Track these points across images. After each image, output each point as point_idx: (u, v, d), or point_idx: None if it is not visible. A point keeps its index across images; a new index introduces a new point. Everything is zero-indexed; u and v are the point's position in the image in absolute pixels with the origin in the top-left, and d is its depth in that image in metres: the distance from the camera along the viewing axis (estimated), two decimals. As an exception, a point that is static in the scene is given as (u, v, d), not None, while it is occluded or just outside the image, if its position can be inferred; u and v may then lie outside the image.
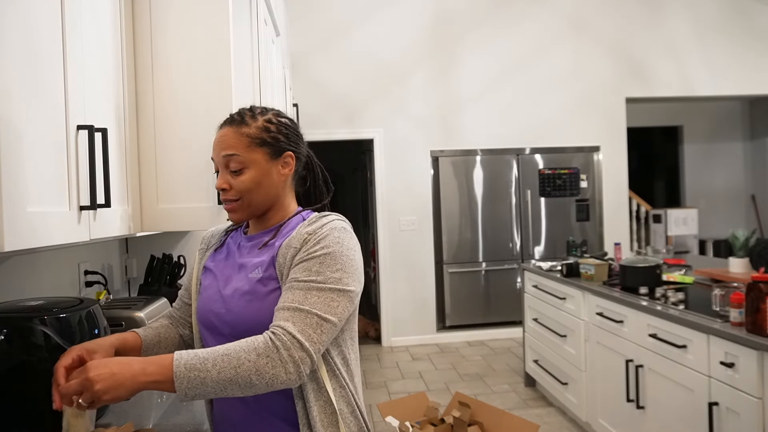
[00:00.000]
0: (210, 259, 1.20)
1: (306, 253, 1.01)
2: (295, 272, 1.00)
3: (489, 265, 5.28)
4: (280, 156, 1.10)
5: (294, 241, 1.05)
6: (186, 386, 0.87)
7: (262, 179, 1.08)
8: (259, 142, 1.08)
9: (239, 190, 1.07)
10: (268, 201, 1.11)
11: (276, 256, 1.06)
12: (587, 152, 5.45)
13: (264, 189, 1.09)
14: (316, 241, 1.02)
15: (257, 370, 0.90)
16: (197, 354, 0.90)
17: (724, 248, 6.69)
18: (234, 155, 1.06)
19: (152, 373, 0.86)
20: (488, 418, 1.47)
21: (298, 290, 0.98)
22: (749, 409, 1.79)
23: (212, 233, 1.27)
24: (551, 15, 5.45)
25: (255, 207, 1.10)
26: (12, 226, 0.82)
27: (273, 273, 1.05)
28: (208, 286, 1.14)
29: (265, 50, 2.41)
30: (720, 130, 7.40)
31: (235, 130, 1.07)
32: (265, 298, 1.04)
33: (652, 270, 2.64)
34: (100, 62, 1.25)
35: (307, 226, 1.07)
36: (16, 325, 1.03)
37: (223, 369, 0.89)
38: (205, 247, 1.24)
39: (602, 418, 2.80)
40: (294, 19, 5.09)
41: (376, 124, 5.24)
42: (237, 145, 1.06)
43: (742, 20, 5.74)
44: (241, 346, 0.92)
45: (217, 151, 1.08)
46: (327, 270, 0.99)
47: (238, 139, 1.06)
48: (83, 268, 1.82)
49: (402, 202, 5.26)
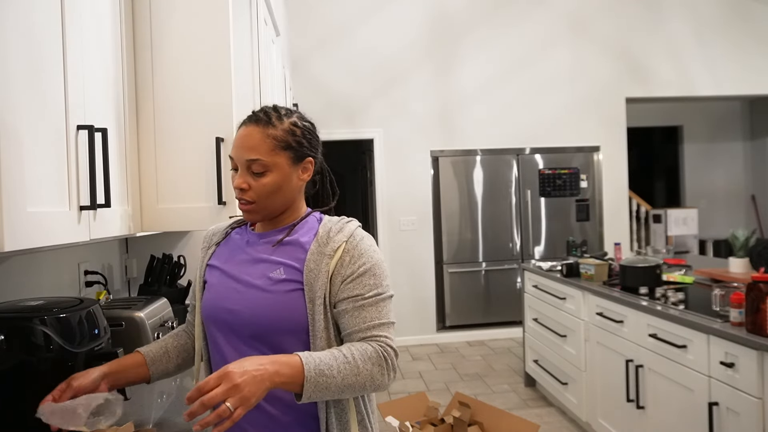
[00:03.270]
0: (214, 256, 1.17)
1: (357, 267, 1.04)
2: (355, 288, 1.03)
3: (489, 265, 5.28)
4: (301, 161, 1.10)
5: (327, 249, 1.05)
6: (312, 390, 0.91)
7: (283, 184, 1.07)
8: (283, 146, 1.06)
9: (258, 193, 1.05)
10: (284, 205, 1.10)
11: (305, 261, 1.05)
12: (587, 152, 5.45)
13: (282, 194, 1.08)
14: (360, 254, 1.05)
15: (372, 377, 0.97)
16: (321, 359, 0.93)
17: (724, 248, 6.69)
18: (258, 160, 1.04)
19: (286, 374, 0.89)
20: (488, 418, 1.48)
21: (370, 307, 1.03)
22: (749, 409, 1.79)
23: (213, 231, 1.25)
24: (551, 15, 5.45)
25: (271, 210, 1.09)
26: (12, 226, 0.82)
27: (297, 276, 1.05)
28: (216, 284, 1.12)
29: (265, 50, 2.41)
30: (720, 130, 7.40)
31: (261, 131, 1.05)
32: (284, 297, 1.04)
33: (652, 270, 2.64)
34: (100, 62, 1.25)
35: (338, 233, 1.07)
36: (16, 325, 1.03)
37: (347, 376, 0.94)
38: (207, 245, 1.22)
39: (602, 418, 2.80)
40: (294, 19, 5.09)
41: (376, 124, 5.24)
42: (261, 148, 1.04)
43: (742, 20, 5.74)
44: (357, 354, 0.97)
45: (240, 151, 1.05)
46: (380, 280, 1.05)
47: (263, 141, 1.04)
48: (83, 268, 1.82)
49: (402, 202, 5.26)
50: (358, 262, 1.04)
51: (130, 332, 1.51)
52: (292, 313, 1.03)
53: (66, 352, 1.08)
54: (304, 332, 1.03)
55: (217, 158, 1.50)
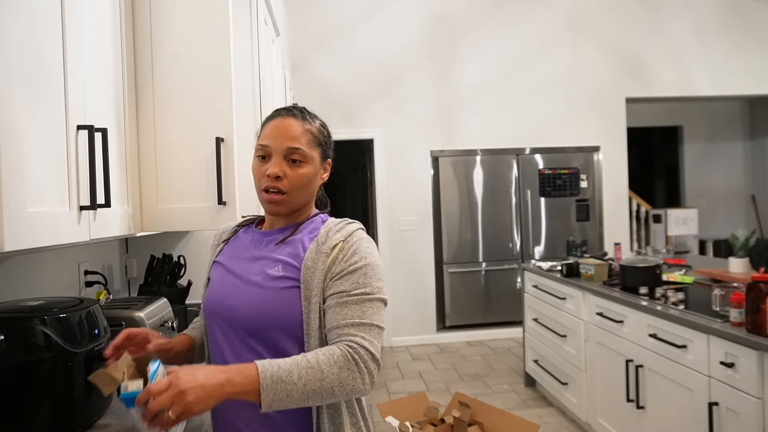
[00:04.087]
0: (221, 254, 1.19)
1: (347, 264, 1.03)
2: (342, 284, 1.02)
3: (489, 265, 5.28)
4: (325, 161, 1.15)
5: (324, 247, 1.05)
6: (272, 398, 0.88)
7: (313, 178, 1.11)
8: (317, 142, 1.11)
9: (293, 183, 1.07)
10: (305, 200, 1.13)
11: (303, 259, 1.05)
12: (587, 152, 5.45)
13: (310, 188, 1.11)
14: (353, 252, 1.04)
15: (340, 382, 0.93)
16: (280, 366, 0.91)
17: (724, 248, 6.69)
18: (299, 149, 1.07)
19: (238, 384, 0.87)
20: (488, 418, 1.48)
21: (354, 304, 1.01)
22: (749, 409, 1.79)
23: (223, 229, 1.26)
24: (551, 15, 5.45)
25: (297, 203, 1.11)
26: (12, 226, 0.82)
27: (295, 273, 1.05)
28: (218, 279, 1.13)
29: (265, 50, 2.41)
30: (720, 130, 7.40)
31: (300, 124, 1.09)
32: (280, 294, 1.04)
33: (652, 270, 2.64)
34: (100, 62, 1.25)
35: (336, 233, 1.07)
36: (16, 325, 1.03)
37: (309, 381, 0.91)
38: (216, 243, 1.24)
39: (602, 418, 2.80)
40: (294, 19, 5.09)
41: (376, 124, 5.24)
42: (303, 139, 1.08)
43: (743, 20, 5.74)
44: (321, 358, 0.94)
45: (281, 140, 1.07)
46: (371, 281, 1.03)
47: (304, 133, 1.08)
48: (83, 268, 1.82)
49: (402, 202, 5.26)
50: (350, 260, 1.04)
51: (130, 332, 1.51)
52: (287, 311, 1.03)
53: (66, 352, 1.08)
54: (298, 330, 1.03)
55: (217, 158, 1.50)
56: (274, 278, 1.05)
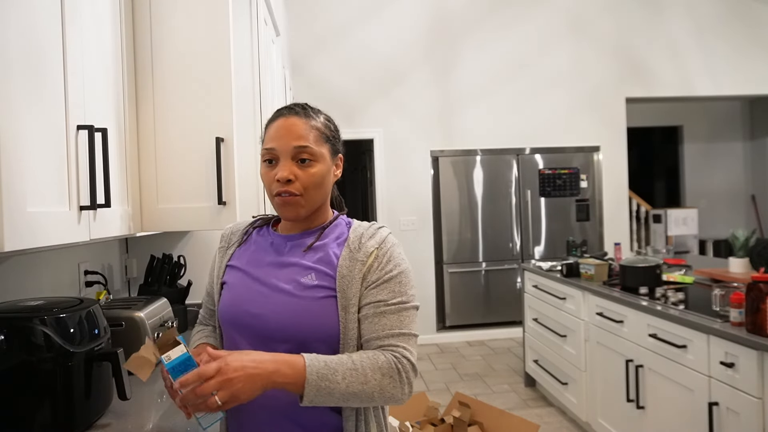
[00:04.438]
0: (235, 257, 1.13)
1: (384, 272, 1.01)
2: (379, 294, 1.00)
3: (489, 265, 5.28)
4: (336, 156, 1.11)
5: (359, 254, 1.02)
6: (314, 394, 0.89)
7: (326, 176, 1.06)
8: (324, 138, 1.07)
9: (306, 184, 1.03)
10: (321, 200, 1.08)
11: (337, 267, 1.02)
12: (587, 152, 5.45)
13: (324, 187, 1.07)
14: (388, 259, 1.02)
15: (381, 388, 0.94)
16: (327, 363, 0.91)
17: (724, 248, 6.69)
18: (307, 147, 1.02)
19: (286, 375, 0.88)
20: (488, 418, 1.48)
21: (392, 314, 1.00)
22: (749, 409, 1.79)
23: (232, 230, 1.20)
24: (551, 15, 5.45)
25: (312, 204, 1.06)
26: (12, 226, 0.82)
27: (329, 282, 1.01)
28: (237, 285, 1.08)
29: (265, 50, 2.41)
30: (720, 130, 7.40)
31: (304, 122, 1.04)
32: (314, 304, 1.00)
33: (652, 270, 2.64)
34: (100, 62, 1.25)
35: (370, 239, 1.04)
36: (16, 325, 1.03)
37: (351, 383, 0.91)
38: (226, 245, 1.18)
39: (602, 418, 2.80)
40: (294, 19, 5.09)
41: (376, 124, 5.24)
42: (309, 137, 1.03)
43: (742, 20, 5.74)
44: (366, 363, 0.94)
45: (286, 140, 1.02)
46: (406, 289, 1.02)
47: (309, 131, 1.04)
48: (83, 268, 1.82)
49: (402, 202, 5.26)
50: (386, 267, 1.02)
51: (130, 332, 1.51)
52: (323, 321, 0.99)
53: (66, 352, 1.08)
54: (335, 341, 0.99)
55: (217, 158, 1.50)
56: (308, 287, 1.01)
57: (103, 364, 1.18)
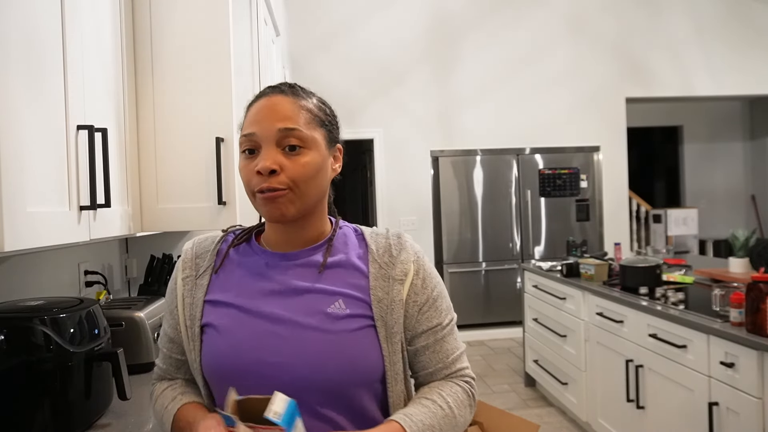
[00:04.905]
0: (215, 288, 0.88)
1: (430, 291, 0.88)
2: (434, 317, 0.88)
3: (489, 265, 5.28)
4: (333, 146, 0.91)
5: (395, 272, 0.85)
6: None
7: (321, 168, 0.85)
8: (318, 121, 0.86)
9: (294, 176, 0.81)
10: (316, 198, 0.86)
11: (371, 289, 0.84)
12: (587, 152, 5.45)
13: (319, 181, 0.85)
14: (426, 274, 0.89)
15: (465, 422, 0.87)
16: (423, 422, 0.79)
17: (724, 248, 6.69)
18: (295, 129, 0.81)
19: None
20: (488, 418, 1.48)
21: (449, 336, 0.90)
22: (749, 409, 1.79)
23: (196, 252, 0.92)
24: (551, 15, 5.45)
25: (305, 202, 0.83)
26: (12, 226, 0.82)
27: (363, 309, 0.83)
28: (233, 327, 0.83)
29: (265, 50, 2.41)
30: (720, 130, 7.40)
31: (292, 101, 0.84)
32: (350, 339, 0.81)
33: (652, 270, 2.63)
34: (100, 62, 1.25)
35: (401, 251, 0.88)
36: (16, 325, 1.03)
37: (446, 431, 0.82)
38: (193, 273, 0.90)
39: (602, 418, 2.80)
40: (294, 19, 5.09)
41: (376, 124, 5.24)
42: (298, 118, 0.82)
43: (742, 20, 5.74)
44: (451, 403, 0.84)
45: (268, 122, 0.81)
46: (447, 300, 0.93)
47: (298, 111, 0.83)
48: (83, 268, 1.82)
49: (402, 202, 5.26)
50: (429, 284, 0.88)
51: (130, 332, 1.51)
52: (365, 359, 0.81)
53: (66, 352, 1.08)
54: (378, 381, 0.83)
55: (217, 158, 1.50)
56: (340, 318, 0.81)
57: (103, 364, 1.18)
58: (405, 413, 0.79)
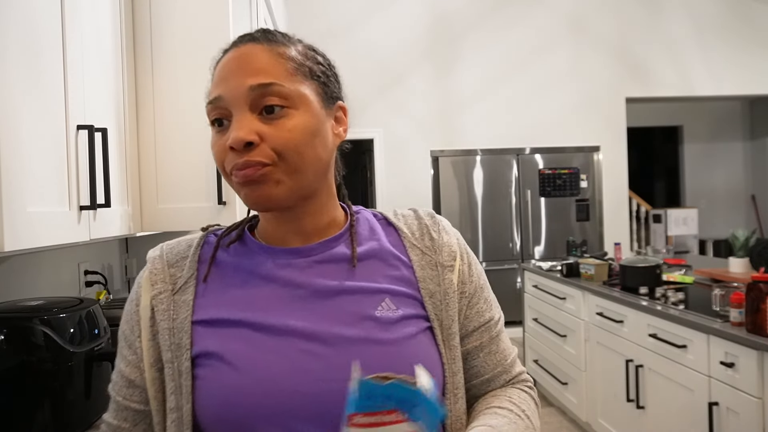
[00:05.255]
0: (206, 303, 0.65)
1: (477, 278, 0.74)
2: (486, 310, 0.73)
3: (489, 265, 5.28)
4: (333, 104, 0.70)
5: (442, 257, 0.70)
6: None
7: (318, 131, 0.64)
8: (306, 72, 0.65)
9: (280, 145, 0.60)
10: (317, 173, 0.65)
11: (419, 280, 0.68)
12: (587, 152, 5.45)
13: (317, 150, 0.64)
14: (472, 259, 0.75)
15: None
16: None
17: (724, 248, 6.69)
18: (273, 84, 0.60)
19: None
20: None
21: (503, 332, 0.76)
22: (749, 409, 1.79)
23: (168, 261, 0.68)
24: (551, 15, 5.45)
25: (302, 178, 0.63)
26: (12, 226, 0.82)
27: (415, 307, 0.66)
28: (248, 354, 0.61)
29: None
30: (720, 130, 7.40)
31: (267, 49, 0.63)
32: (412, 345, 0.63)
33: (652, 270, 2.63)
34: (100, 62, 1.25)
35: (442, 233, 0.72)
36: (16, 325, 1.03)
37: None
38: (170, 288, 0.66)
39: (602, 418, 2.80)
40: (294, 19, 5.09)
41: (376, 124, 5.24)
42: (275, 70, 0.61)
43: (743, 20, 5.74)
44: (529, 413, 0.70)
45: (234, 81, 0.61)
46: (494, 296, 0.79)
47: (275, 61, 0.62)
48: (83, 268, 1.82)
49: (402, 202, 5.26)
50: (475, 271, 0.74)
51: (130, 332, 1.51)
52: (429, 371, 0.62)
53: (66, 352, 1.08)
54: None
55: (217, 158, 1.50)
56: (393, 322, 0.63)
57: (103, 364, 1.18)
58: (487, 425, 0.63)
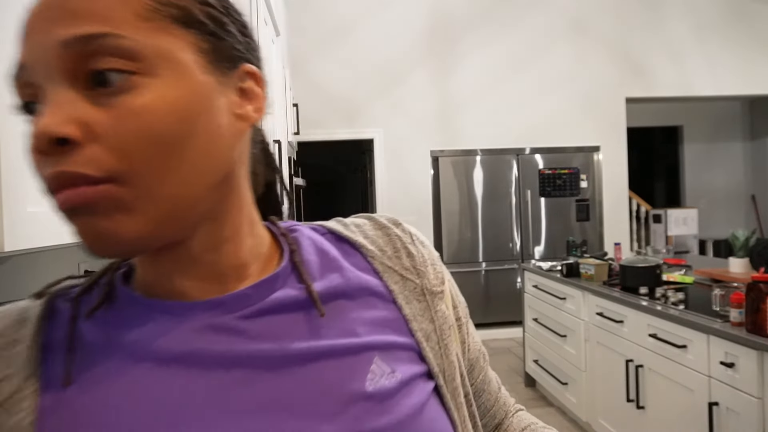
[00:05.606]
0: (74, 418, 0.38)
1: (459, 298, 0.65)
2: (473, 333, 0.64)
3: (489, 265, 5.28)
4: (233, 68, 0.43)
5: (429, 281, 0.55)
6: None
7: (199, 109, 0.39)
8: (177, 14, 0.39)
9: (123, 141, 0.37)
10: (212, 185, 0.41)
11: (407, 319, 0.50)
12: (587, 152, 5.45)
13: (202, 143, 0.39)
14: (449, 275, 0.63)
15: None
16: None
17: (724, 248, 6.69)
18: (105, 35, 0.36)
19: None
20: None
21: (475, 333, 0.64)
22: (749, 409, 1.79)
23: (12, 338, 0.42)
24: (551, 15, 5.45)
25: (178, 197, 0.39)
26: (12, 226, 0.82)
27: (414, 360, 0.48)
28: None
29: (265, 50, 2.41)
30: (720, 130, 7.40)
31: None
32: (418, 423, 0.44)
33: (652, 270, 2.63)
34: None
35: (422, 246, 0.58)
36: (16, 325, 1.03)
37: None
38: (25, 374, 0.40)
39: (602, 418, 2.80)
40: (294, 19, 5.09)
41: (376, 124, 5.24)
42: (111, 11, 0.37)
43: (742, 20, 5.74)
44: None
45: (38, 34, 0.41)
46: None
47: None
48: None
49: (402, 202, 5.26)
50: (455, 288, 0.62)
51: (130, 332, 1.50)
52: None
53: (66, 352, 1.07)
54: None
55: (217, 158, 1.49)
56: (392, 393, 0.44)
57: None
58: None
